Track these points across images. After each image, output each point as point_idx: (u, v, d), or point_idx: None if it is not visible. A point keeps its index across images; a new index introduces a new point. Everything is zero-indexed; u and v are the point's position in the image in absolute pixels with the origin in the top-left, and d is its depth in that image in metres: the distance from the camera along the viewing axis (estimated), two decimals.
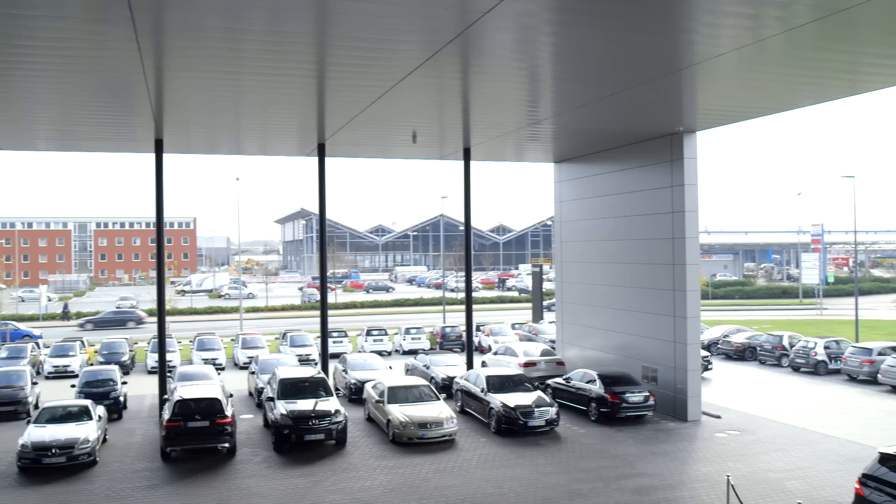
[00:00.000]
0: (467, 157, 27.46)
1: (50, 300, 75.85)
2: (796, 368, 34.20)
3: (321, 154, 25.87)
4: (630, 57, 15.46)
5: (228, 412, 19.60)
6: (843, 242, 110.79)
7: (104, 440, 20.96)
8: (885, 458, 13.48)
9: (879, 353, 30.84)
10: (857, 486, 13.66)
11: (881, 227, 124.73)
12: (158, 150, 24.76)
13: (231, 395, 22.01)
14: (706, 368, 31.72)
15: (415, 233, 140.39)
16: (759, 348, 37.06)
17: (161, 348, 24.84)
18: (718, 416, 24.18)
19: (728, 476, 14.77)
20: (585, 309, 29.46)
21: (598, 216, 28.39)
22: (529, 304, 54.30)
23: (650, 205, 25.19)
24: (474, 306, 65.72)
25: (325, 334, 26.38)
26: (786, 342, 35.76)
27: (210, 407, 19.40)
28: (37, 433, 18.73)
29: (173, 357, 33.85)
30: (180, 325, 56.15)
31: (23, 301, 76.68)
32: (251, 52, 14.95)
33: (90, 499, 16.38)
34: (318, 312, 26.67)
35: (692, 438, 21.56)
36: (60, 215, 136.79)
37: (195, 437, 19.10)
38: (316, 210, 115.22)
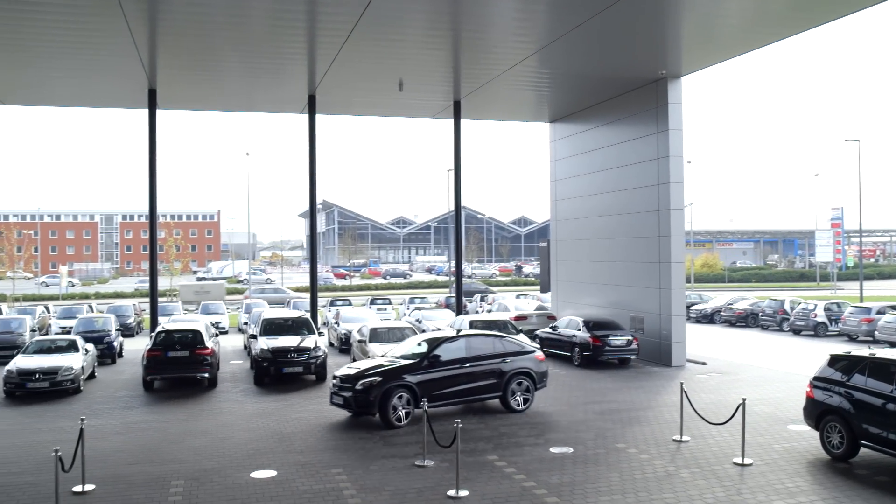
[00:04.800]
0: (457, 112, 27.64)
1: (73, 285, 77.77)
2: (797, 331, 34.00)
3: (311, 107, 26.23)
4: None
5: (209, 344, 20.01)
6: (867, 231, 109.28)
7: (93, 375, 21.54)
8: (834, 360, 13.53)
9: (878, 312, 30.56)
10: (808, 389, 13.72)
11: None
12: (152, 103, 25.23)
13: (217, 334, 22.46)
14: None
15: (436, 224, 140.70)
16: (760, 314, 36.85)
17: (153, 303, 25.67)
18: (704, 363, 24.18)
19: (682, 383, 14.85)
20: (578, 265, 29.56)
21: (590, 171, 28.47)
22: None
23: (637, 154, 25.24)
24: (491, 289, 65.75)
25: (314, 291, 27.29)
26: (787, 307, 35.52)
27: (191, 338, 19.87)
28: (23, 361, 19.31)
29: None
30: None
31: (46, 286, 78.39)
32: None
33: (67, 415, 16.83)
34: (329, 293, 27.35)
35: (671, 378, 21.57)
36: (88, 208, 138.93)
37: (175, 366, 19.55)
38: (338, 202, 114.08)
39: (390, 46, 20.76)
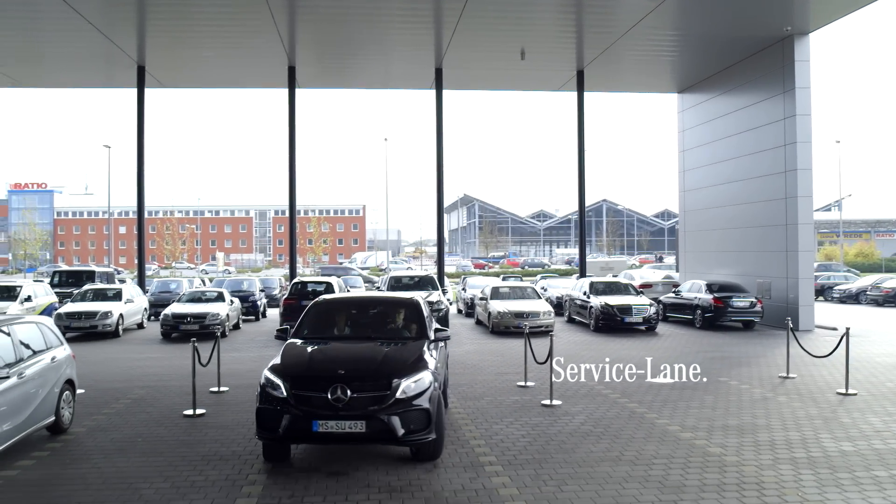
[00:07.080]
0: (581, 83, 28.02)
1: (229, 273, 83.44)
2: None
3: (438, 82, 27.34)
4: None
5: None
6: None
7: (237, 326, 23.60)
8: None
9: None
10: None
11: None
12: (291, 80, 27.15)
13: (346, 290, 24.01)
14: None
15: (576, 217, 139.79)
16: None
17: (293, 267, 27.72)
18: (834, 328, 23.44)
19: (788, 320, 14.78)
20: (705, 234, 29.27)
21: (716, 138, 28.13)
22: None
23: (764, 116, 24.78)
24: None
25: (441, 257, 28.36)
26: None
27: (323, 289, 21.47)
28: (177, 308, 21.60)
29: None
30: None
31: (206, 273, 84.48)
32: None
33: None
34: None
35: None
36: (243, 203, 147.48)
37: None
38: (479, 195, 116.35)
39: (511, 9, 21.41)
